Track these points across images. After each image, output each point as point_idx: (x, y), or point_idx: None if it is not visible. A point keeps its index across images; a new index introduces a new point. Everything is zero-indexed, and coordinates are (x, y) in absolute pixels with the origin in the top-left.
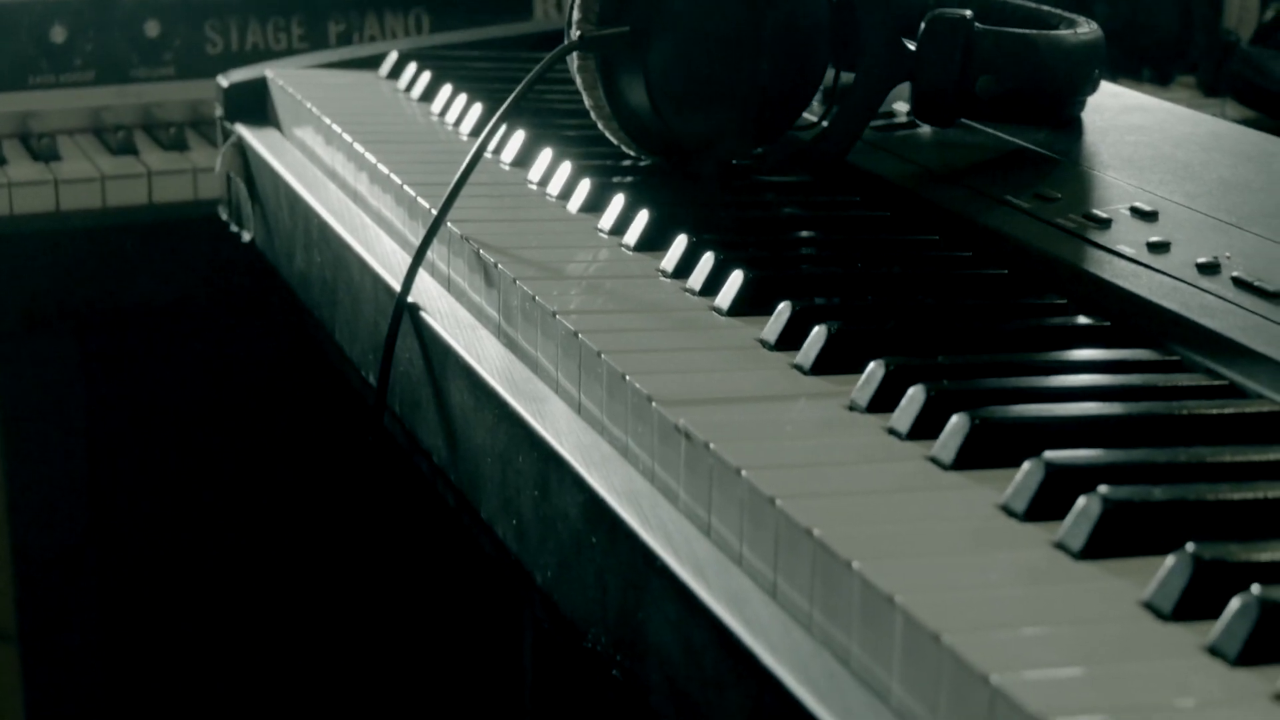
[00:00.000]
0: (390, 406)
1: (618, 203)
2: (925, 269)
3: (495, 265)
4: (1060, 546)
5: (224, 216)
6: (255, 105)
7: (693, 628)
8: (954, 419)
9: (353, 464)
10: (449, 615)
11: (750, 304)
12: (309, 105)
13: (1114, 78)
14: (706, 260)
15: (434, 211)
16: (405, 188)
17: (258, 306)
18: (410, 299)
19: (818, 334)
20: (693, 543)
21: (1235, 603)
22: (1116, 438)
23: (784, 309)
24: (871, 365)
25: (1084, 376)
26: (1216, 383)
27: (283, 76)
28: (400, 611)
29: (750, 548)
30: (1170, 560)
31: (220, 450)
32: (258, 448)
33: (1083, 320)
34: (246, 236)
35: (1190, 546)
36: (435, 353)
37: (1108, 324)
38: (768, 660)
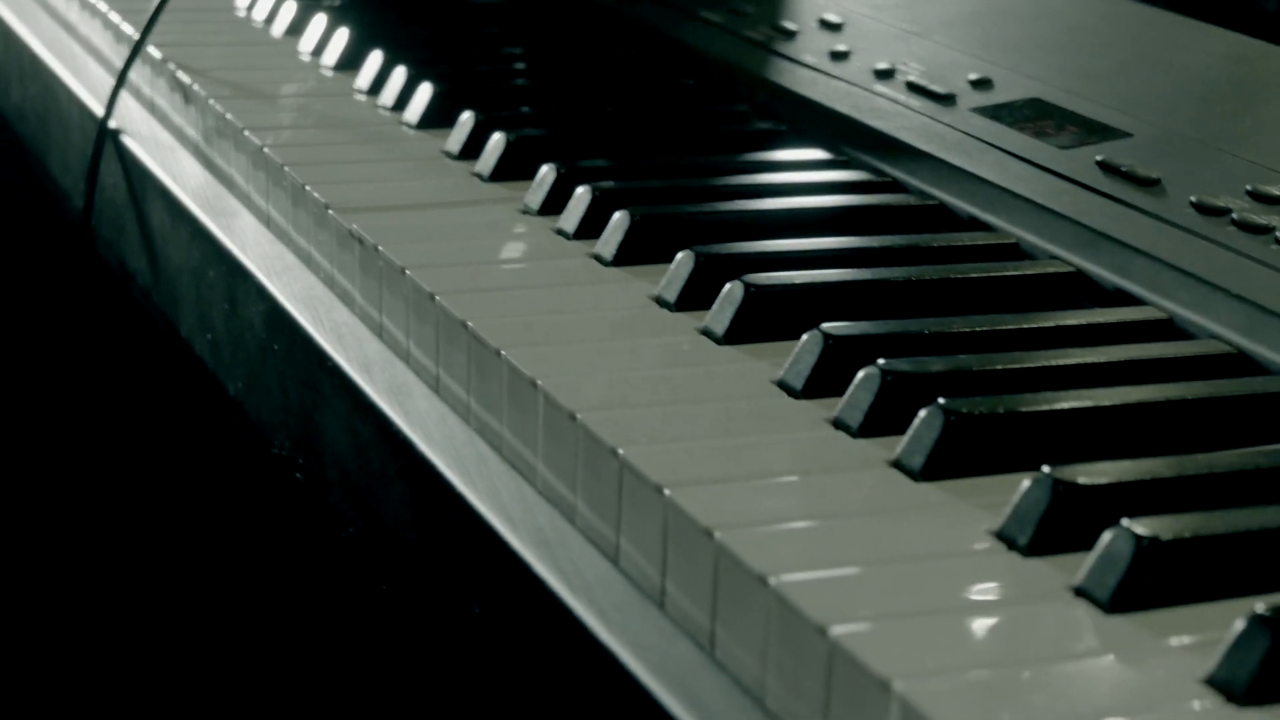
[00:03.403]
0: (99, 232)
1: (319, 24)
2: (614, 80)
3: (192, 86)
4: (705, 333)
5: None
6: None
7: (360, 423)
8: (616, 216)
9: (73, 297)
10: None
11: (437, 117)
12: None
13: None
14: (398, 75)
15: (136, 35)
16: (110, 14)
17: None
18: (115, 124)
19: (496, 142)
20: (364, 343)
21: (860, 375)
22: (772, 231)
23: (466, 119)
24: (544, 169)
25: (751, 176)
26: (879, 179)
27: None
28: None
29: (416, 344)
30: (804, 338)
31: None
32: None
33: (759, 125)
34: None
35: (824, 326)
36: (136, 176)
37: (783, 128)
38: (424, 449)
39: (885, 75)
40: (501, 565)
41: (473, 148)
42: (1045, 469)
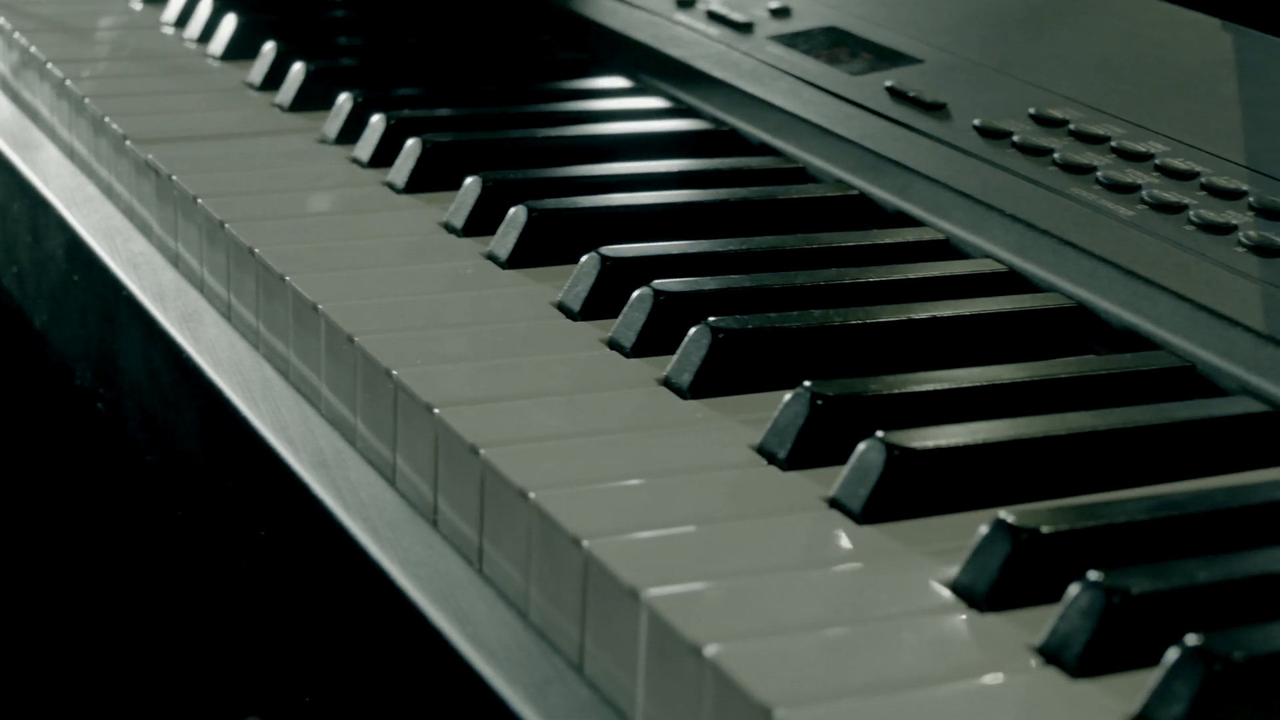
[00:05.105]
0: None
1: None
2: (418, 11)
3: None
4: (490, 257)
5: None
6: None
7: (154, 352)
8: (408, 143)
9: None
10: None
11: (241, 49)
12: None
13: None
14: (204, 8)
15: None
16: None
17: None
18: None
19: (296, 72)
20: (159, 272)
21: (633, 295)
22: (564, 158)
23: (269, 50)
24: (341, 97)
25: (548, 104)
26: (674, 106)
27: None
28: None
29: (209, 271)
30: (582, 260)
31: None
32: None
33: (562, 55)
34: None
35: (602, 249)
36: None
37: (586, 57)
38: (212, 375)
39: (686, 4)
40: (284, 488)
41: (274, 79)
42: (806, 384)
